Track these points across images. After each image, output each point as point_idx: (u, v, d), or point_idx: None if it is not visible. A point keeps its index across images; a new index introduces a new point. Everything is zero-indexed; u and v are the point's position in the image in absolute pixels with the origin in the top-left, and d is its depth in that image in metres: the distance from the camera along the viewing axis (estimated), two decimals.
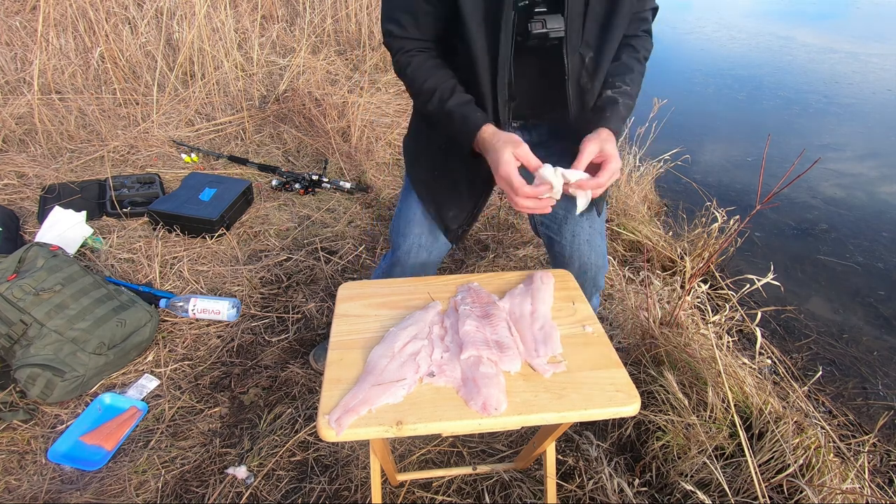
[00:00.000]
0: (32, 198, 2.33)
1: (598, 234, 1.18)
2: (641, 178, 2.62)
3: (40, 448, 1.38)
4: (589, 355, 0.85)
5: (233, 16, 3.29)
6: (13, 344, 1.45)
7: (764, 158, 3.14)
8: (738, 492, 1.21)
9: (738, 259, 2.47)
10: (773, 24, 7.38)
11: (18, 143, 2.68)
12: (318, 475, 1.34)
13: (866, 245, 2.61)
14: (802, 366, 1.89)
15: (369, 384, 0.78)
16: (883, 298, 2.26)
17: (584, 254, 1.16)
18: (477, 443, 1.43)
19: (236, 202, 2.25)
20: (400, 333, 0.88)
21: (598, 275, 1.21)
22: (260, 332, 1.76)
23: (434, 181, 1.14)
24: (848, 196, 3.06)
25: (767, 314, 2.07)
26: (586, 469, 1.34)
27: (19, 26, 3.16)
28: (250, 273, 1.99)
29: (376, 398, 0.76)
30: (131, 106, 3.03)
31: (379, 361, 0.82)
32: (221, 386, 1.58)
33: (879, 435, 1.61)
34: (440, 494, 1.30)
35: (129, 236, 2.12)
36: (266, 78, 3.39)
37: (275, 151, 2.87)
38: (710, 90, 4.77)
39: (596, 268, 1.19)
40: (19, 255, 1.56)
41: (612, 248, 2.29)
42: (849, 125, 4.07)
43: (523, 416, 0.75)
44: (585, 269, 1.17)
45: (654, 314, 1.56)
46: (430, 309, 0.94)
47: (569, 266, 1.17)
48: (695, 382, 1.40)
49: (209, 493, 1.29)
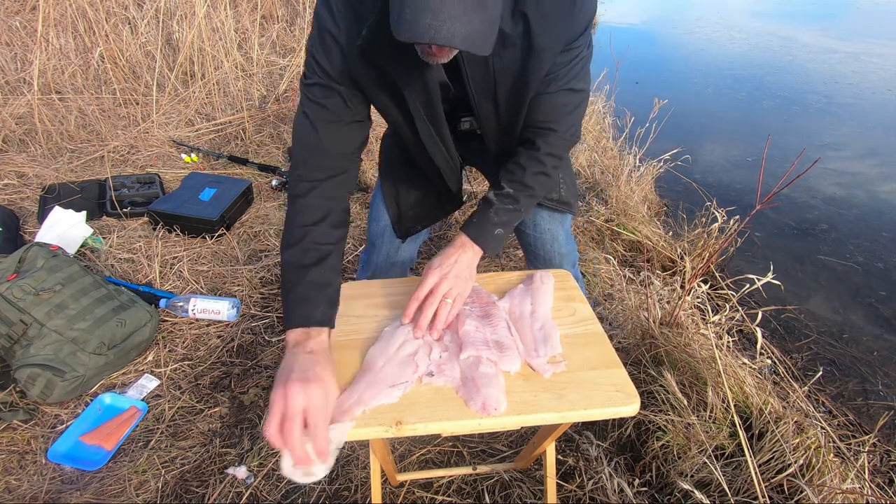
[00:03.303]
0: (32, 198, 2.33)
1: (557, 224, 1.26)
2: (641, 178, 2.62)
3: (40, 448, 1.38)
4: (589, 355, 0.85)
5: (233, 16, 3.29)
6: (13, 344, 1.45)
7: (764, 158, 3.14)
8: (738, 492, 1.21)
9: (738, 259, 2.47)
10: (773, 24, 7.38)
11: (18, 143, 2.68)
12: None
13: (866, 245, 2.61)
14: (802, 366, 1.89)
15: (365, 383, 0.78)
16: (883, 298, 2.26)
17: (547, 242, 1.27)
18: (477, 443, 1.43)
19: (236, 202, 2.25)
20: (396, 333, 0.88)
21: (564, 262, 1.28)
22: (260, 332, 1.76)
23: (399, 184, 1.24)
24: (848, 196, 3.06)
25: (767, 314, 2.07)
26: (586, 469, 1.34)
27: (19, 26, 3.16)
28: (250, 273, 1.99)
29: (370, 398, 0.76)
30: (131, 106, 3.03)
31: (376, 361, 0.82)
32: (221, 386, 1.58)
33: (879, 435, 1.61)
34: (440, 494, 1.30)
35: (129, 236, 2.12)
36: (266, 78, 3.39)
37: (275, 151, 2.87)
38: (710, 90, 4.77)
39: (560, 256, 1.27)
40: (19, 255, 1.56)
41: (612, 247, 2.29)
42: (849, 125, 4.07)
43: (523, 417, 0.75)
44: (549, 257, 1.28)
45: (654, 314, 1.56)
46: None
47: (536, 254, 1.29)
48: (695, 382, 1.40)
49: (209, 493, 1.29)
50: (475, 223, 0.96)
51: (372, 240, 1.30)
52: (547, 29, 0.84)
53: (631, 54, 5.26)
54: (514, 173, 0.98)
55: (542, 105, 0.95)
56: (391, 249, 1.28)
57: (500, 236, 0.97)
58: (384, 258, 1.29)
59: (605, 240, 2.33)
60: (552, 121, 0.97)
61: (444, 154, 1.03)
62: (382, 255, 1.29)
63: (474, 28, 0.67)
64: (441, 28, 0.65)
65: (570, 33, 0.86)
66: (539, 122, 0.97)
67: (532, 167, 0.97)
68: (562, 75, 0.92)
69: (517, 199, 0.97)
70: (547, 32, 0.84)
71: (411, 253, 1.33)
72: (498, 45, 0.81)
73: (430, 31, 0.65)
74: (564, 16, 0.84)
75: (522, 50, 0.86)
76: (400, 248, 1.28)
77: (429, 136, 0.98)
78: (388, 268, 1.30)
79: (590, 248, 2.23)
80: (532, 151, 0.98)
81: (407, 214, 1.23)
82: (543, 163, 0.97)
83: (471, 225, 0.96)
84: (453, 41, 0.66)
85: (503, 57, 0.87)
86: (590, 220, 2.40)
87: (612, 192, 2.54)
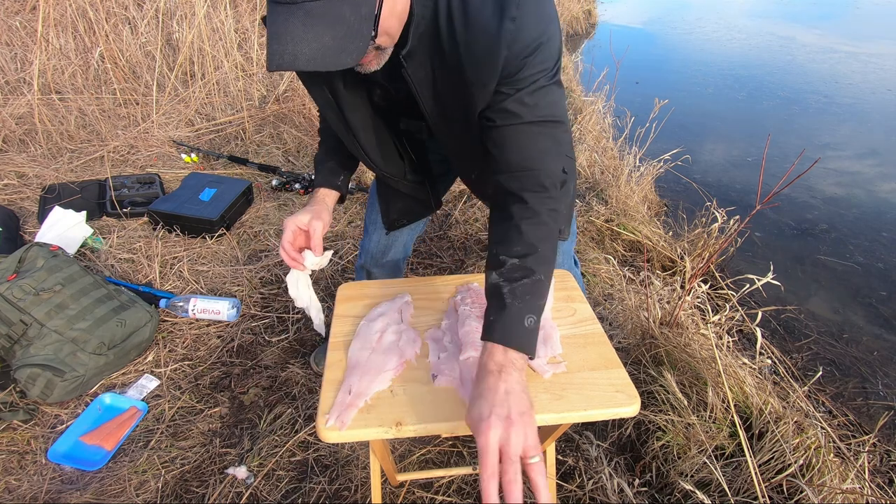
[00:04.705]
0: (32, 198, 2.33)
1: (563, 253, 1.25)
2: (641, 178, 2.62)
3: (40, 448, 1.38)
4: (589, 356, 0.85)
5: (233, 16, 3.29)
6: (13, 344, 1.45)
7: (764, 158, 3.14)
8: (738, 492, 1.21)
9: (738, 259, 2.47)
10: (773, 24, 7.38)
11: (18, 143, 2.68)
12: (318, 475, 1.34)
13: (866, 245, 2.61)
14: (802, 366, 1.89)
15: (357, 377, 0.79)
16: (883, 298, 2.26)
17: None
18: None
19: (236, 202, 2.25)
20: (371, 325, 0.89)
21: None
22: (260, 332, 1.76)
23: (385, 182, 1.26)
24: (848, 196, 3.06)
25: (768, 314, 2.07)
26: (586, 469, 1.34)
27: (19, 26, 3.16)
28: (250, 273, 1.99)
29: (368, 387, 0.78)
30: (131, 106, 3.03)
31: (360, 355, 0.84)
32: (221, 386, 1.58)
33: (879, 435, 1.61)
34: (440, 494, 1.30)
35: (129, 236, 2.12)
36: (266, 78, 3.39)
37: (275, 151, 2.87)
38: (710, 90, 4.77)
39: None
40: (19, 255, 1.56)
41: (612, 247, 2.29)
42: (848, 125, 4.07)
43: None
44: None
45: (654, 314, 1.56)
46: (397, 299, 0.97)
47: None
48: (695, 382, 1.40)
49: (209, 493, 1.29)
50: (496, 322, 0.73)
51: (366, 225, 1.37)
52: (471, 62, 0.77)
53: (631, 54, 5.26)
54: (509, 236, 0.79)
55: (506, 143, 0.82)
56: (381, 236, 1.32)
57: (534, 326, 0.74)
58: (375, 244, 1.34)
59: (605, 240, 2.33)
60: (529, 159, 0.82)
61: (356, 147, 1.02)
62: (374, 240, 1.34)
63: (325, 45, 0.65)
64: (284, 53, 0.65)
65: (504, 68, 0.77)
66: (513, 164, 0.82)
67: (525, 220, 0.78)
68: (510, 108, 0.80)
69: (528, 268, 0.76)
70: (472, 64, 0.78)
71: (405, 245, 1.37)
72: (437, 62, 0.80)
73: (275, 58, 0.65)
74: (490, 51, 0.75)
75: (458, 72, 0.80)
76: (391, 237, 1.32)
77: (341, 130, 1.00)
78: (381, 255, 1.35)
79: (590, 248, 2.23)
80: (520, 204, 0.80)
81: (392, 207, 1.27)
82: (537, 212, 0.79)
83: (493, 328, 0.73)
84: (296, 64, 0.65)
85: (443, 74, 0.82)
86: (590, 220, 2.40)
87: (612, 192, 2.54)
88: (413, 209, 1.26)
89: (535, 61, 0.77)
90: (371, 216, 1.33)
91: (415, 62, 0.81)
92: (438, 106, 0.88)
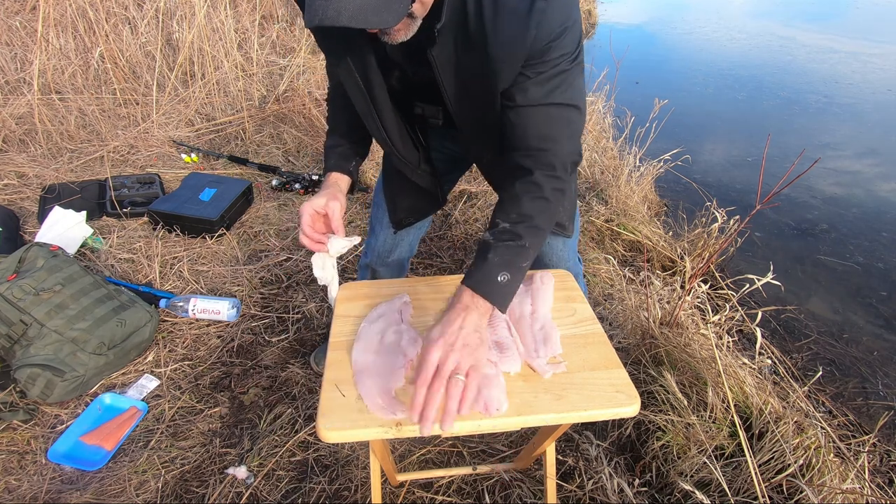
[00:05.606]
0: (32, 198, 2.33)
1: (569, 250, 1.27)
2: (641, 178, 2.62)
3: (40, 448, 1.38)
4: (589, 356, 0.85)
5: (233, 16, 3.29)
6: (13, 344, 1.45)
7: (764, 158, 3.14)
8: (738, 492, 1.21)
9: (738, 259, 2.47)
10: (773, 24, 7.38)
11: (18, 143, 2.68)
12: (318, 475, 1.34)
13: (866, 245, 2.61)
14: (802, 366, 1.89)
15: (371, 382, 0.79)
16: (883, 298, 2.26)
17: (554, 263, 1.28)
18: (477, 443, 1.43)
19: (236, 202, 2.25)
20: (371, 327, 0.89)
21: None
22: (260, 332, 1.76)
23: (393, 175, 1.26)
24: (848, 196, 3.06)
25: (767, 314, 2.07)
26: (586, 469, 1.34)
27: (19, 26, 3.16)
28: (250, 273, 1.99)
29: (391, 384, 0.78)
30: (131, 106, 3.03)
31: (366, 357, 0.84)
32: (221, 386, 1.58)
33: (879, 435, 1.61)
34: (440, 494, 1.30)
35: (129, 236, 2.12)
36: (266, 78, 3.39)
37: (275, 151, 2.87)
38: (710, 90, 4.77)
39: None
40: (19, 255, 1.56)
41: (612, 247, 2.29)
42: (848, 125, 4.07)
43: (523, 417, 0.75)
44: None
45: (654, 314, 1.56)
46: (396, 299, 0.96)
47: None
48: (695, 382, 1.40)
49: (209, 493, 1.29)
50: (474, 271, 0.82)
51: (372, 224, 1.36)
52: (499, 43, 0.79)
53: (631, 54, 5.26)
54: (509, 205, 0.87)
55: (524, 123, 0.87)
56: (388, 235, 1.32)
57: (508, 284, 0.81)
58: (382, 242, 1.33)
59: (605, 240, 2.33)
60: (543, 139, 0.87)
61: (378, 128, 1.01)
62: (381, 239, 1.33)
63: (367, 2, 0.65)
64: (328, 7, 0.64)
65: (531, 49, 0.79)
66: (528, 143, 0.87)
67: (528, 193, 0.86)
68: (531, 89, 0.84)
69: (517, 234, 0.83)
70: (499, 45, 0.79)
71: (410, 244, 1.36)
72: (461, 45, 0.81)
73: (318, 13, 0.65)
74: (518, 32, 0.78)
75: (482, 54, 0.82)
76: (398, 236, 1.32)
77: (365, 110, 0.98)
78: (387, 254, 1.35)
79: (590, 248, 2.23)
80: (526, 178, 0.86)
81: (400, 206, 1.26)
82: (540, 186, 0.85)
83: (470, 275, 0.83)
84: (340, 19, 0.65)
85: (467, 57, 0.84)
86: (590, 220, 2.40)
87: (612, 192, 2.54)
88: (419, 207, 1.25)
89: (560, 45, 0.80)
90: (377, 215, 1.33)
91: (441, 40, 0.82)
92: (459, 86, 0.89)
